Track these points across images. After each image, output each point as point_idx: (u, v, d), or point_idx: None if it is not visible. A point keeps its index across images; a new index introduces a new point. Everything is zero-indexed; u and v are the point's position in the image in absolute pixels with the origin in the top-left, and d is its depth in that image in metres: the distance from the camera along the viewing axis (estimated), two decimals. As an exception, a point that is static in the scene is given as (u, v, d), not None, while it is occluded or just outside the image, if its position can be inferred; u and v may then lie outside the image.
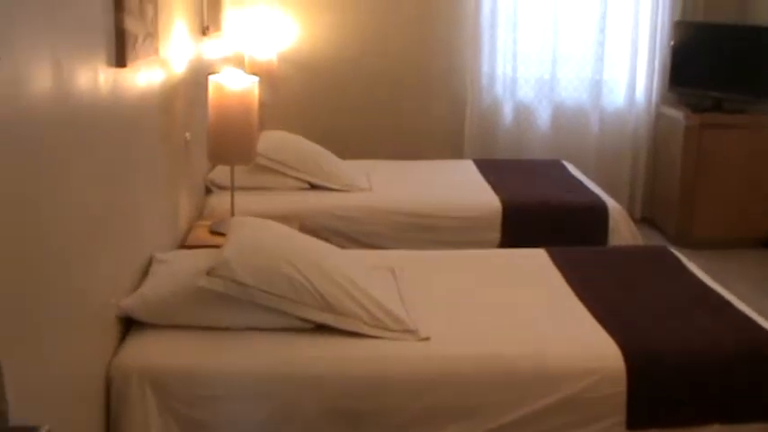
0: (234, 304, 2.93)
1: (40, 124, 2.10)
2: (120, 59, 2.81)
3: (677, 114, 6.23)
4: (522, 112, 6.59)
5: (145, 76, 3.25)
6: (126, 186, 3.00)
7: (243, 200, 4.36)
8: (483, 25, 6.35)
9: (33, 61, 2.04)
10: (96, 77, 2.59)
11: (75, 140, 2.38)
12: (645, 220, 6.54)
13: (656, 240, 6.04)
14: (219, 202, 4.58)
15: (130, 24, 2.89)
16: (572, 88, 6.59)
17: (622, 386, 2.86)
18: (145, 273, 3.24)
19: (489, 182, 5.22)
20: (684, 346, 3.02)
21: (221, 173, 4.85)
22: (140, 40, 3.05)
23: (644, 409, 2.90)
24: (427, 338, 2.95)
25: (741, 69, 6.15)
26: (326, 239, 4.52)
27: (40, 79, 2.10)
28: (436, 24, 6.42)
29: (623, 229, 4.81)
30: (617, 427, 2.88)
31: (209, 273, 2.90)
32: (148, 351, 2.82)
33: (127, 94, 2.98)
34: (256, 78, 4.06)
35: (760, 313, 3.36)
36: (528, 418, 2.82)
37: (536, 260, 3.87)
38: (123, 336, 2.93)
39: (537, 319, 3.21)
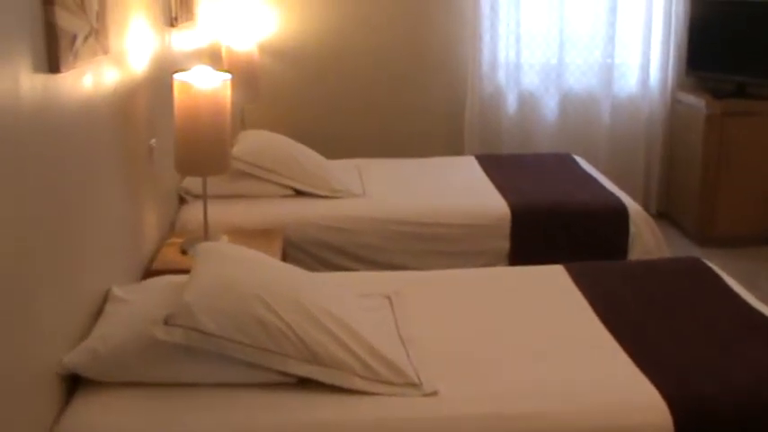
0: (199, 356, 2.44)
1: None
2: (52, 63, 2.32)
3: (696, 101, 5.88)
4: (528, 101, 6.26)
5: (90, 81, 2.76)
6: (69, 211, 2.51)
7: (219, 210, 4.01)
8: (483, 7, 6.01)
9: None
10: (17, 86, 2.09)
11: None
12: (661, 215, 6.19)
13: (675, 239, 5.73)
14: (194, 213, 4.11)
15: (65, 20, 2.39)
16: (580, 74, 6.26)
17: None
18: (99, 312, 2.76)
19: (494, 182, 4.81)
20: (732, 386, 2.54)
21: (195, 180, 4.37)
22: (81, 38, 2.55)
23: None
24: (434, 393, 2.46)
25: (767, 50, 5.75)
26: (313, 254, 4.16)
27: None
28: (431, 8, 6.10)
29: (646, 234, 4.41)
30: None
31: (167, 321, 2.40)
32: (97, 416, 2.33)
33: (63, 103, 2.48)
34: (229, 76, 3.57)
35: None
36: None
37: (554, 278, 3.40)
38: (67, 398, 2.45)
39: (562, 360, 2.71)
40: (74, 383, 2.48)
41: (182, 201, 4.40)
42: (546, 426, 2.39)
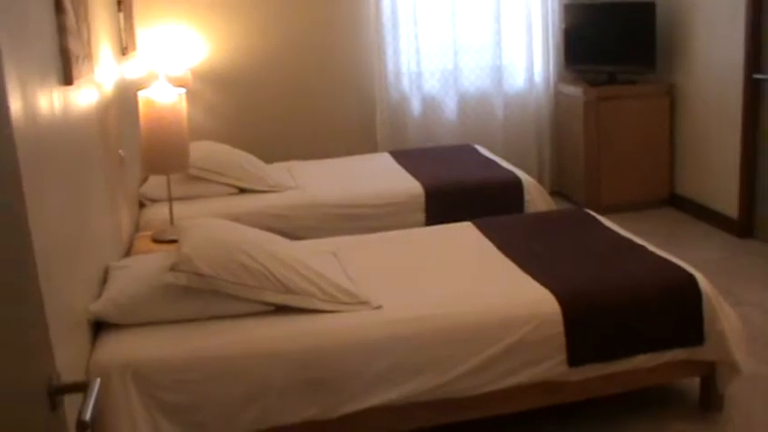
0: (198, 296, 3.15)
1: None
2: (67, 78, 2.99)
3: (575, 91, 6.60)
4: (430, 103, 6.85)
5: (85, 95, 3.41)
6: (81, 202, 3.16)
7: (177, 209, 4.55)
8: (385, 25, 6.58)
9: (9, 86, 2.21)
10: (51, 97, 2.77)
11: (39, 159, 2.52)
12: (555, 193, 6.85)
13: (568, 210, 6.35)
14: (154, 214, 4.76)
15: (72, 44, 3.07)
16: (474, 77, 6.88)
17: (560, 328, 3.18)
18: (103, 281, 3.42)
19: (408, 169, 5.49)
20: (609, 286, 3.36)
21: (152, 186, 5.03)
22: (80, 59, 3.23)
23: (582, 347, 3.22)
24: (379, 307, 3.22)
25: (629, 43, 6.54)
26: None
27: (13, 103, 2.25)
28: (340, 27, 6.64)
29: (538, 200, 5.13)
30: (560, 366, 3.20)
31: (173, 268, 3.11)
32: (123, 347, 3.01)
33: (73, 112, 3.14)
34: (184, 90, 4.27)
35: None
36: (477, 368, 3.11)
37: (464, 231, 4.17)
38: (93, 338, 3.11)
39: (474, 279, 3.51)
40: (95, 329, 3.16)
41: (141, 206, 5.01)
42: (462, 320, 3.17)
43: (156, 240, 4.28)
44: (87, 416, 1.37)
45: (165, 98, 4.14)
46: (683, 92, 6.38)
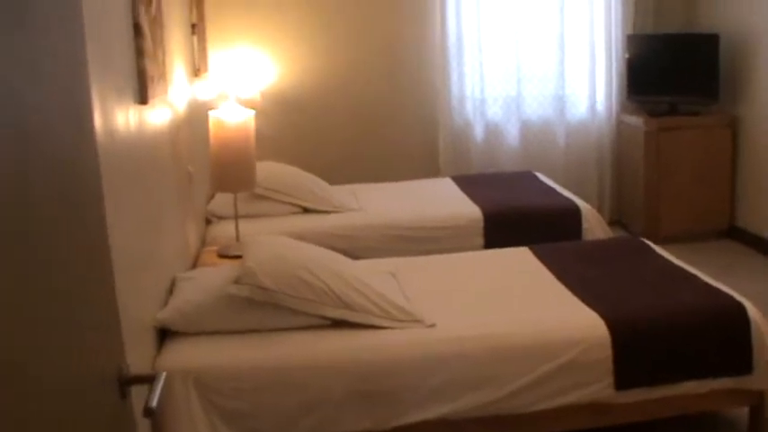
0: (259, 308, 3.29)
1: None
2: (143, 97, 3.16)
3: (636, 121, 6.64)
4: (492, 130, 6.96)
5: (158, 113, 3.59)
6: (153, 215, 3.33)
7: (243, 227, 4.69)
8: (450, 50, 6.71)
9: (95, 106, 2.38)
10: (128, 114, 2.94)
11: (116, 174, 2.67)
12: (615, 222, 6.88)
13: (627, 240, 6.38)
14: (220, 230, 4.92)
15: (148, 66, 3.25)
16: (537, 104, 6.97)
17: (608, 352, 3.26)
18: (170, 291, 3.58)
19: (468, 194, 5.59)
20: (658, 312, 3.42)
21: (219, 204, 5.20)
22: (155, 80, 3.41)
23: (629, 372, 3.29)
24: (433, 325, 3.33)
25: (692, 74, 6.58)
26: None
27: (97, 120, 2.42)
28: (405, 52, 6.78)
29: (596, 229, 5.18)
30: (607, 389, 3.27)
31: (237, 281, 3.26)
32: (186, 353, 3.16)
33: (148, 129, 3.32)
34: (253, 111, 4.43)
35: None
36: (530, 385, 3.21)
37: (520, 256, 4.26)
38: (159, 345, 3.27)
39: (527, 302, 3.60)
40: (161, 336, 3.31)
41: (207, 222, 5.18)
42: (514, 340, 3.26)
43: (222, 255, 4.43)
44: (154, 403, 1.52)
45: (234, 119, 4.30)
46: (745, 124, 6.38)
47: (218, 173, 4.39)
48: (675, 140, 6.43)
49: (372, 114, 6.81)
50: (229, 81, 6.30)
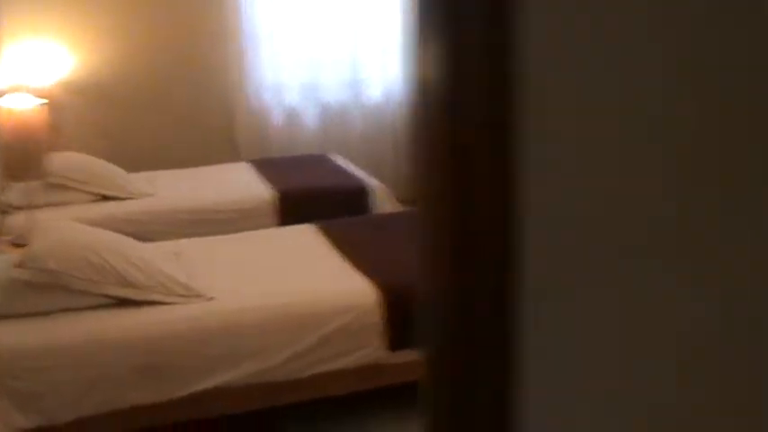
0: (48, 291, 3.45)
1: None
2: None
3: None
4: (291, 114, 7.16)
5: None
6: None
7: (42, 216, 4.73)
8: (246, 37, 6.87)
9: None
10: None
11: None
12: (406, 201, 7.05)
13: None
14: (16, 220, 4.96)
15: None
16: (335, 89, 7.21)
17: (380, 316, 3.56)
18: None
19: (264, 177, 5.82)
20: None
21: (15, 194, 5.23)
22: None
23: (400, 334, 3.59)
24: (212, 298, 3.57)
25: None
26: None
27: None
28: (203, 40, 6.87)
29: (386, 206, 5.51)
30: (381, 350, 3.57)
31: (20, 265, 3.40)
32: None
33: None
34: (44, 101, 4.51)
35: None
36: (304, 352, 3.49)
37: (305, 232, 4.53)
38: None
39: (306, 274, 3.88)
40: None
41: (2, 213, 5.15)
42: (288, 310, 3.54)
43: (15, 244, 4.51)
44: None
45: (23, 107, 4.38)
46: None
47: (8, 162, 4.45)
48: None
49: (172, 102, 6.87)
50: (23, 72, 6.27)
